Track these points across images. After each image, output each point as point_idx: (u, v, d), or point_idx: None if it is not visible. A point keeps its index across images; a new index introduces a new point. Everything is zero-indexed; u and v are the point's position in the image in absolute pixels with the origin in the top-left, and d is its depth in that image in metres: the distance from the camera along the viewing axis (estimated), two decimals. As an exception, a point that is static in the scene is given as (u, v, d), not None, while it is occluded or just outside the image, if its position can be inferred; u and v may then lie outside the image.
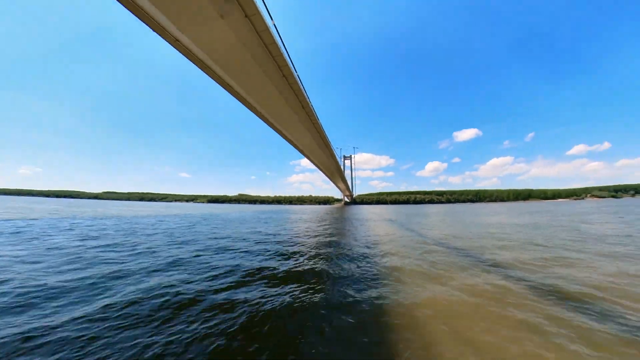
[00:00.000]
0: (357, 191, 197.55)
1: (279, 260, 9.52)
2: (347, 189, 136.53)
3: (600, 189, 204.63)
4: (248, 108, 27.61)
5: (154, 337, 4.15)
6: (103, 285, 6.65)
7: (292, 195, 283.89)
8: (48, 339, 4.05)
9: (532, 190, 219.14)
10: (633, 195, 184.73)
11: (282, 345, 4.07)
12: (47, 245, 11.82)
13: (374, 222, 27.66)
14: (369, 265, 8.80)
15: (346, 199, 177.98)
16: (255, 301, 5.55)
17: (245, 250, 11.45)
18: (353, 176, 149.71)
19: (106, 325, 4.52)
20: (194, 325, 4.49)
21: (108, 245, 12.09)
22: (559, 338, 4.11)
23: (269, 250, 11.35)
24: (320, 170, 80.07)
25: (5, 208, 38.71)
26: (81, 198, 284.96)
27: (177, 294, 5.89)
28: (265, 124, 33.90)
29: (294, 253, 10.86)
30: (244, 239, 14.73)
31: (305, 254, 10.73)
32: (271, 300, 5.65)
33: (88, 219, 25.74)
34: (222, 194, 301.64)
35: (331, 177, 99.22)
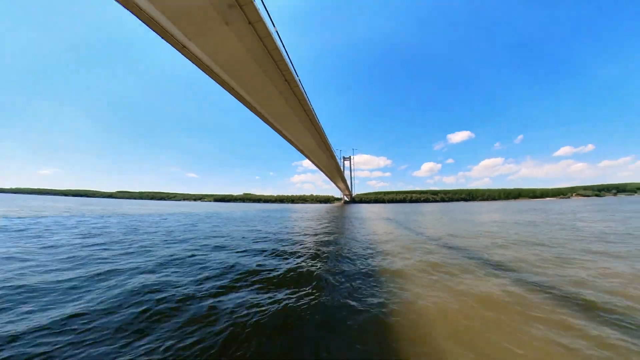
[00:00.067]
0: (356, 190, 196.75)
1: (276, 261, 8.69)
2: (346, 188, 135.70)
3: (585, 188, 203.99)
4: (252, 111, 26.99)
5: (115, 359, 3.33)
6: (84, 287, 5.82)
7: (294, 194, 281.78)
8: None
9: (521, 189, 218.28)
10: (615, 194, 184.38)
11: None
12: (45, 244, 11.02)
13: (372, 220, 26.70)
14: (369, 268, 7.91)
15: (346, 198, 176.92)
16: (244, 312, 4.67)
17: (243, 249, 10.61)
18: (352, 176, 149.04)
19: (67, 339, 3.69)
20: (168, 343, 3.64)
21: (105, 244, 11.30)
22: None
23: (267, 250, 10.53)
24: (321, 170, 79.35)
25: (23, 206, 38.07)
26: (96, 197, 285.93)
27: (159, 301, 5.03)
28: (269, 127, 33.31)
29: (293, 253, 10.02)
30: (243, 238, 13.93)
31: (304, 254, 9.88)
32: (262, 310, 4.79)
33: (95, 217, 24.93)
34: (227, 194, 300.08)
35: (331, 178, 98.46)
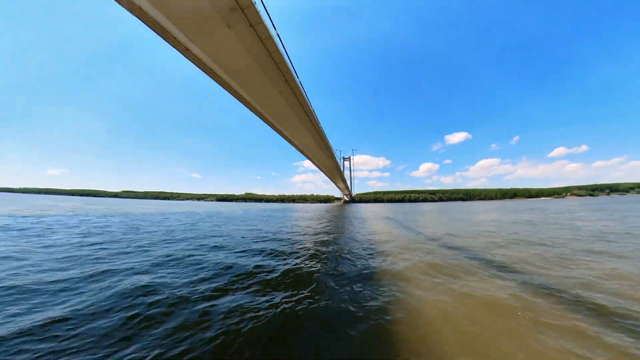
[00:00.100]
0: (356, 190, 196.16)
1: (275, 262, 8.30)
2: (346, 188, 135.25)
3: (579, 188, 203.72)
4: (253, 111, 26.69)
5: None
6: (75, 289, 5.48)
7: (295, 194, 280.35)
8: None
9: (517, 189, 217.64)
10: (608, 194, 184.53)
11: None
12: (44, 243, 10.68)
13: (372, 220, 26.26)
14: (370, 269, 7.53)
15: (345, 198, 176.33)
16: (237, 319, 4.30)
17: (242, 249, 10.25)
18: (352, 176, 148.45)
19: (48, 346, 3.34)
20: (155, 352, 3.27)
21: (103, 243, 10.96)
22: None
23: (266, 250, 10.16)
24: (322, 170, 79.02)
25: (30, 206, 37.72)
26: (102, 197, 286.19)
27: (151, 305, 4.68)
28: (270, 127, 33.02)
29: (292, 253, 9.64)
30: (243, 237, 13.55)
31: (303, 255, 9.49)
32: (257, 316, 4.44)
33: (98, 216, 24.60)
34: (230, 193, 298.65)
35: (332, 178, 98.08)
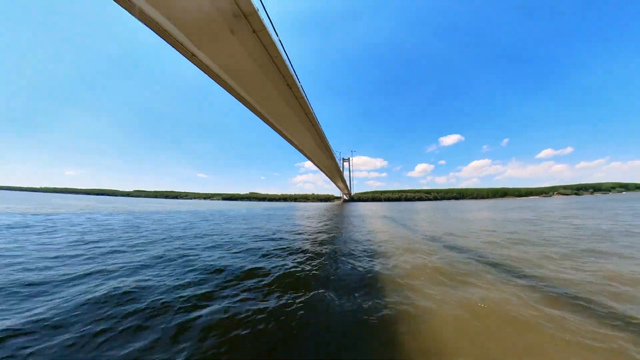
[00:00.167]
0: (355, 190, 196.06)
1: (271, 263, 7.68)
2: (345, 188, 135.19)
3: (565, 187, 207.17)
4: (255, 114, 26.43)
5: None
6: (51, 293, 4.94)
7: (297, 193, 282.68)
8: None
9: (507, 189, 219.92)
10: (592, 193, 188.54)
11: None
12: (43, 241, 10.24)
13: (371, 219, 25.76)
14: (372, 274, 6.84)
15: (345, 197, 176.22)
16: (220, 335, 3.66)
17: (238, 249, 9.65)
18: (351, 177, 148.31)
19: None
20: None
21: (100, 241, 10.48)
22: None
23: (263, 249, 9.57)
24: (322, 171, 78.94)
25: (44, 204, 37.50)
26: (116, 196, 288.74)
27: (124, 316, 4.09)
28: (273, 130, 32.99)
29: (290, 254, 9.02)
30: (242, 236, 13.00)
31: (301, 256, 8.84)
32: (244, 332, 3.81)
33: (105, 214, 24.22)
34: (235, 192, 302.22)
35: (331, 178, 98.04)
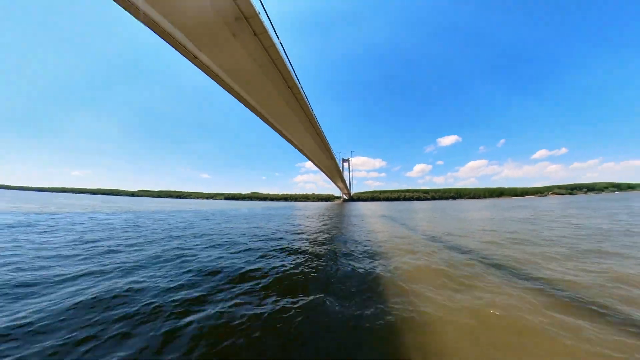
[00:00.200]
0: (354, 190, 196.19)
1: (269, 264, 7.39)
2: (345, 187, 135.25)
3: (560, 187, 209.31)
4: (257, 115, 26.32)
5: None
6: (39, 294, 4.66)
7: (297, 193, 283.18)
8: None
9: (504, 188, 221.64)
10: (585, 193, 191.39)
11: None
12: (42, 240, 10.01)
13: (371, 218, 25.59)
14: (373, 277, 6.47)
15: (345, 197, 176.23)
16: (210, 345, 3.41)
17: (236, 249, 9.35)
18: (351, 177, 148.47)
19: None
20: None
21: (99, 240, 10.24)
22: None
23: (262, 250, 9.27)
24: (322, 171, 78.95)
25: (50, 204, 37.43)
26: (120, 195, 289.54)
27: (113, 322, 3.85)
28: (274, 130, 33.05)
29: (289, 255, 8.72)
30: (242, 235, 12.75)
31: (300, 257, 8.51)
32: (235, 342, 3.55)
33: (108, 214, 24.12)
34: (237, 192, 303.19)
35: (332, 177, 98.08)
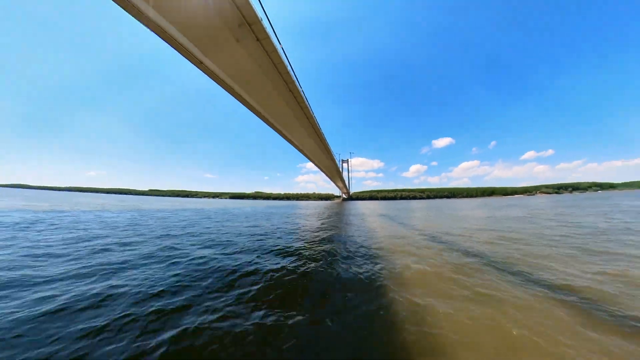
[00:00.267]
0: (353, 189, 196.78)
1: (264, 267, 6.90)
2: (344, 187, 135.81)
3: (547, 186, 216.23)
4: (260, 118, 25.92)
5: None
6: (8, 298, 4.31)
7: (298, 192, 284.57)
8: None
9: (495, 188, 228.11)
10: (571, 192, 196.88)
11: None
12: (39, 238, 9.68)
13: (370, 217, 25.36)
14: (374, 280, 5.93)
15: (344, 196, 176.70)
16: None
17: (233, 250, 8.86)
18: (350, 177, 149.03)
19: None
20: None
21: (96, 239, 9.91)
22: None
23: (258, 250, 8.80)
24: (322, 171, 79.12)
25: (62, 202, 37.48)
26: (132, 195, 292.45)
27: (77, 337, 3.47)
28: (277, 133, 32.69)
29: (286, 256, 8.22)
30: (240, 234, 12.31)
31: (298, 259, 8.02)
32: (217, 353, 3.14)
33: (114, 212, 24.05)
34: (241, 192, 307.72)
35: (331, 177, 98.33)
